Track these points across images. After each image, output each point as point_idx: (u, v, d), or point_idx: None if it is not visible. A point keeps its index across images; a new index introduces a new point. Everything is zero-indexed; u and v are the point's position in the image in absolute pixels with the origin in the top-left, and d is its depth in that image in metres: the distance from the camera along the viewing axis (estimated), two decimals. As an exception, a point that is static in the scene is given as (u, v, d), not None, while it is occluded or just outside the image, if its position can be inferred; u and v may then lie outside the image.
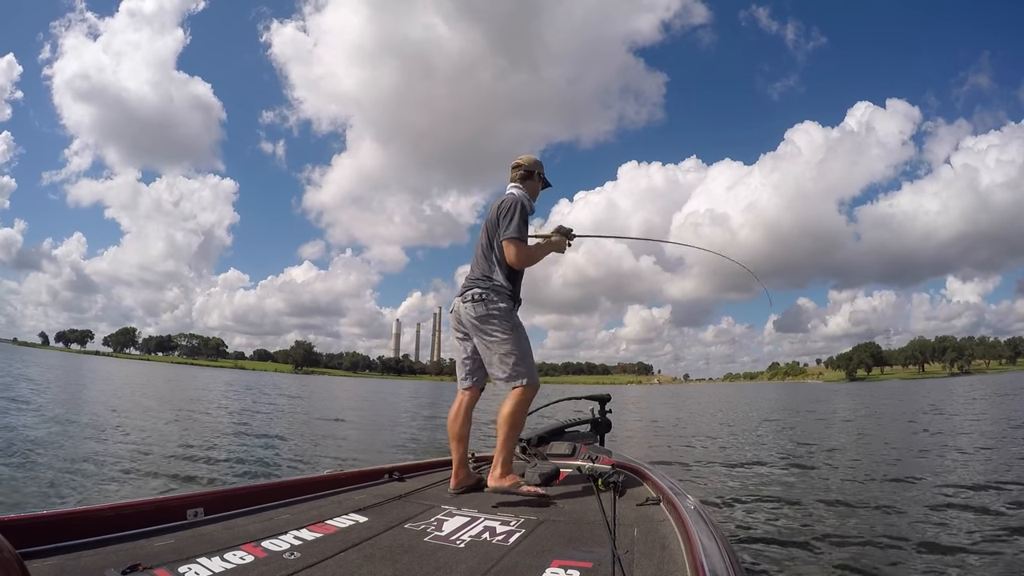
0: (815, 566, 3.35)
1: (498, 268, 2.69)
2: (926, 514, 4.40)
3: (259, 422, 11.96)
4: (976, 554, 3.45)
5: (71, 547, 1.52)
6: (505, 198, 2.77)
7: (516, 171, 2.90)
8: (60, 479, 5.27)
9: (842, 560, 3.41)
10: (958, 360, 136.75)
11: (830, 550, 3.59)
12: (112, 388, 20.64)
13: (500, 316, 2.62)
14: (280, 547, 1.63)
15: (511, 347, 2.58)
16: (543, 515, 2.11)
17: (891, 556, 3.45)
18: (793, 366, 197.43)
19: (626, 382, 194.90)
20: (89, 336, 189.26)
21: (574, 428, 3.70)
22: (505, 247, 2.65)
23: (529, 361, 2.61)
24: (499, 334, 2.60)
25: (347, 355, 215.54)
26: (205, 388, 26.49)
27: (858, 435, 10.96)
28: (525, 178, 2.88)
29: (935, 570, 3.24)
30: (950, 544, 3.64)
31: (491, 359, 2.62)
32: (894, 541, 3.73)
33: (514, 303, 2.70)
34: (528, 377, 2.57)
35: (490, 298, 2.64)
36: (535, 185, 2.92)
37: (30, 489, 4.93)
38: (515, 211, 2.66)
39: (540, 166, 2.94)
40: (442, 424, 14.89)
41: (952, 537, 3.80)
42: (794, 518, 4.41)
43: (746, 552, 3.58)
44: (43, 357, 63.53)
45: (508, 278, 2.70)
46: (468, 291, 2.69)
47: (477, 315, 2.63)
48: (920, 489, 5.40)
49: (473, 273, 2.76)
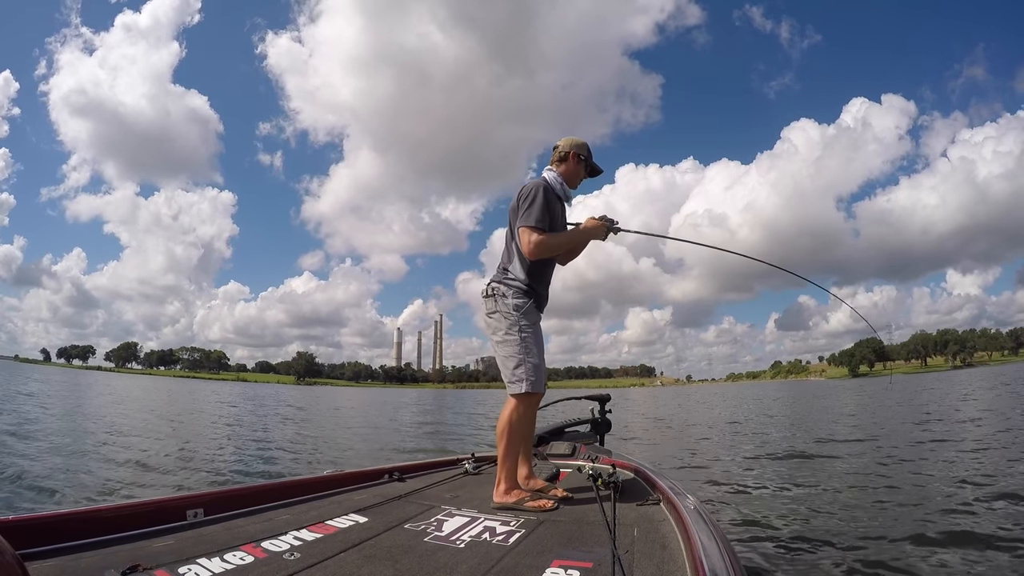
0: (816, 566, 3.32)
1: (517, 260, 2.47)
2: (929, 512, 4.35)
3: (261, 429, 11.94)
4: (977, 554, 3.42)
5: (71, 548, 1.52)
6: (530, 181, 2.53)
7: (554, 152, 2.65)
8: (61, 479, 5.27)
9: (843, 560, 3.38)
10: (960, 353, 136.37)
11: (831, 550, 3.57)
12: (115, 401, 20.58)
13: (506, 314, 2.41)
14: (280, 547, 1.63)
15: (513, 349, 2.37)
16: (543, 515, 2.11)
17: (892, 556, 3.42)
18: (795, 364, 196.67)
19: (628, 385, 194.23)
20: (91, 351, 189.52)
21: (574, 428, 3.71)
22: (519, 235, 2.41)
23: (532, 366, 2.36)
24: (502, 333, 2.40)
25: (349, 365, 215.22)
26: (207, 400, 26.41)
27: (860, 432, 10.91)
28: (561, 160, 2.62)
29: (937, 569, 3.22)
30: (952, 544, 3.59)
31: (497, 360, 2.45)
32: (896, 540, 3.69)
33: (532, 300, 2.46)
34: (528, 384, 2.33)
35: (500, 292, 2.44)
36: (574, 168, 2.61)
37: (30, 490, 4.93)
38: (535, 195, 2.41)
39: (581, 147, 2.63)
40: (442, 429, 14.78)
41: (953, 537, 3.74)
42: (795, 517, 4.37)
43: (746, 552, 3.55)
44: (46, 373, 63.37)
45: (528, 272, 2.45)
46: (487, 285, 2.51)
47: (487, 311, 2.46)
48: (923, 487, 5.35)
49: (498, 265, 2.57)
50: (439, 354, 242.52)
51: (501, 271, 2.51)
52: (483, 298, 2.52)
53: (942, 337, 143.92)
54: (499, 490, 2.30)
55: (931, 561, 3.32)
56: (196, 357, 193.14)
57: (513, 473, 2.34)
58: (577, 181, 2.66)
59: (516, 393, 2.35)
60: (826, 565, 3.32)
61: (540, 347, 2.45)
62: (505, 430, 2.34)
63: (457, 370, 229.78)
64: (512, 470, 2.33)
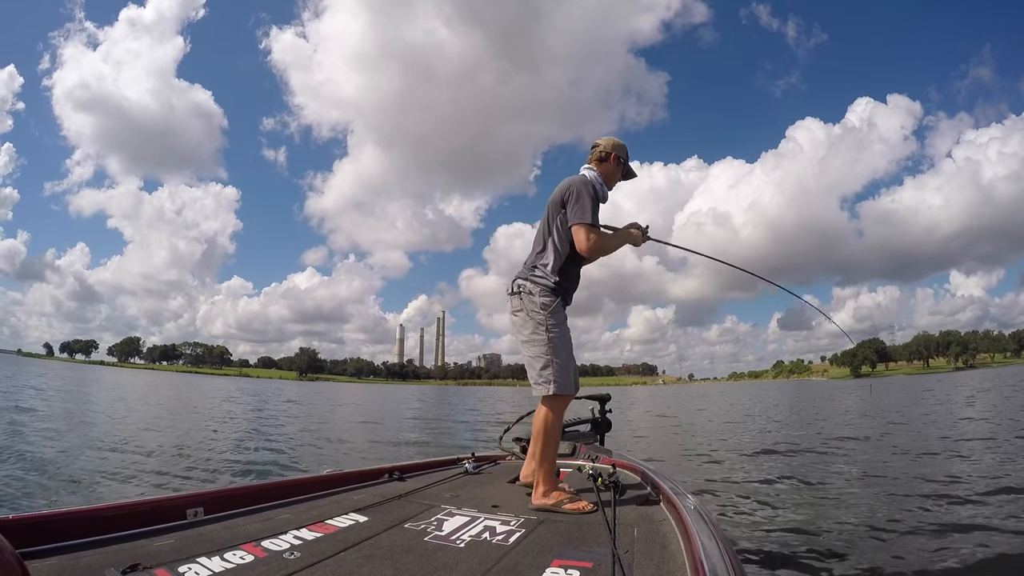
0: (816, 566, 3.32)
1: (552, 256, 2.40)
2: (929, 513, 4.36)
3: (264, 425, 11.98)
4: (980, 551, 3.43)
5: (71, 547, 1.52)
6: (574, 178, 2.48)
7: (593, 151, 2.60)
8: (61, 480, 5.30)
9: (844, 560, 3.39)
10: (962, 355, 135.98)
11: (831, 550, 3.57)
12: (120, 395, 20.68)
13: (533, 312, 2.36)
14: (280, 547, 1.63)
15: (540, 349, 2.33)
16: (543, 515, 2.11)
17: (893, 556, 3.43)
18: (798, 364, 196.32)
19: (630, 383, 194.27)
20: (94, 346, 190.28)
21: (574, 428, 3.69)
22: (574, 233, 2.36)
23: (561, 366, 2.33)
24: (528, 332, 2.36)
25: (351, 361, 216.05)
26: (209, 395, 26.51)
27: (863, 433, 10.90)
28: (601, 160, 2.57)
29: (938, 569, 3.22)
30: (952, 544, 3.60)
31: (524, 360, 2.40)
32: (897, 540, 3.70)
33: (559, 299, 2.41)
34: (556, 385, 2.31)
35: (527, 290, 2.39)
36: (612, 169, 2.58)
37: (31, 489, 4.95)
38: (584, 193, 2.38)
39: (622, 149, 2.60)
40: (444, 426, 14.81)
41: (953, 537, 3.75)
42: (795, 517, 4.37)
43: (746, 552, 3.56)
44: (49, 367, 63.67)
45: (561, 269, 2.40)
46: (513, 281, 2.46)
47: (512, 309, 2.43)
48: (926, 486, 5.36)
49: (526, 261, 2.51)
50: (441, 351, 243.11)
51: (529, 268, 2.45)
52: (508, 295, 2.47)
53: (944, 338, 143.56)
54: (537, 492, 2.28)
55: (931, 561, 3.32)
56: (199, 352, 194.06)
57: (551, 475, 2.32)
58: (614, 183, 2.63)
59: (544, 395, 2.33)
60: (827, 565, 3.32)
61: (568, 347, 2.40)
62: (541, 433, 2.34)
63: (459, 367, 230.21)
64: (550, 472, 2.31)
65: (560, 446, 3.27)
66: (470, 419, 17.25)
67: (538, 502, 2.25)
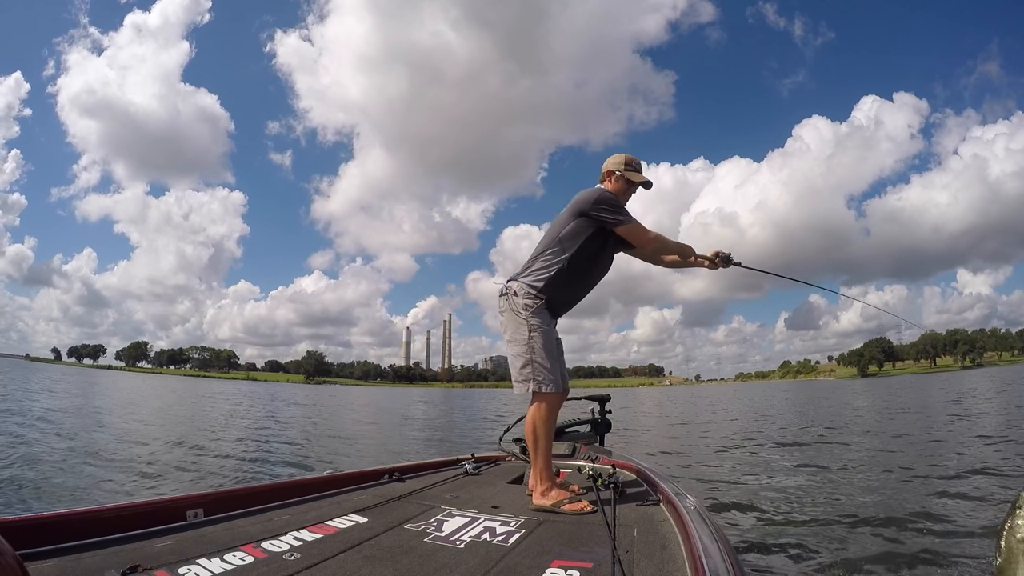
0: (817, 566, 3.30)
1: (544, 261, 2.47)
2: (929, 512, 4.32)
3: (271, 427, 12.02)
4: (980, 550, 3.40)
5: (71, 548, 1.53)
6: (592, 189, 2.58)
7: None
8: (62, 480, 5.34)
9: (844, 560, 3.36)
10: (970, 353, 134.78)
11: (832, 550, 3.55)
12: (129, 399, 20.81)
13: (516, 312, 2.42)
14: (280, 548, 1.64)
15: (520, 349, 2.39)
16: (543, 515, 2.11)
17: (893, 555, 3.40)
18: (805, 364, 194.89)
19: (637, 384, 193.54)
20: (101, 351, 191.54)
21: (574, 428, 3.70)
22: (635, 231, 2.48)
23: (541, 364, 2.37)
24: (511, 332, 2.43)
25: (358, 364, 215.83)
26: (218, 399, 26.63)
27: (865, 432, 10.83)
28: (602, 180, 2.68)
29: (938, 569, 3.20)
30: (951, 544, 3.57)
31: (508, 359, 2.48)
32: (897, 541, 3.67)
33: (543, 302, 2.45)
34: (536, 383, 2.36)
35: (512, 291, 2.46)
36: (617, 187, 2.63)
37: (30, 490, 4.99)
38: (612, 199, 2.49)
39: (617, 164, 2.64)
40: (447, 428, 14.81)
41: (953, 537, 3.72)
42: (796, 518, 4.35)
43: (746, 552, 3.55)
44: (57, 372, 64.14)
45: (549, 276, 2.44)
46: (503, 283, 2.54)
47: (499, 309, 2.49)
48: (928, 486, 5.31)
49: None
50: (448, 353, 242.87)
51: (521, 270, 2.52)
52: (498, 297, 2.54)
53: (951, 337, 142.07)
54: (537, 491, 2.30)
55: (931, 560, 3.30)
56: (206, 356, 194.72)
57: (547, 473, 2.33)
58: (627, 198, 2.67)
59: (524, 392, 2.38)
60: (827, 565, 3.31)
61: (551, 347, 2.43)
62: (530, 432, 2.39)
63: (466, 369, 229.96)
64: (545, 470, 2.32)
65: (560, 446, 3.28)
66: (472, 419, 17.25)
67: (538, 502, 2.26)
